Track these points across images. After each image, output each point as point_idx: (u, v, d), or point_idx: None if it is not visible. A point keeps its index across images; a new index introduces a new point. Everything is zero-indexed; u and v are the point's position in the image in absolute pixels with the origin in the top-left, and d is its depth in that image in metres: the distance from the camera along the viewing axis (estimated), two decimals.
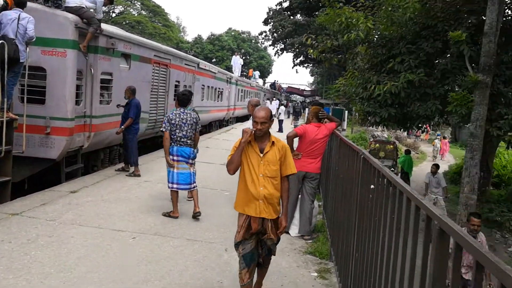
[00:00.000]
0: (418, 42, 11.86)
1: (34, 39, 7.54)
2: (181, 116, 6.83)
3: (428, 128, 37.35)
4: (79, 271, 4.69)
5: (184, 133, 6.81)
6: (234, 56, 35.75)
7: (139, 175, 9.64)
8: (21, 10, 7.42)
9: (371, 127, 18.57)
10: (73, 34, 8.64)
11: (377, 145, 18.94)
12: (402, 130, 15.81)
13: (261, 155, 3.98)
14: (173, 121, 6.76)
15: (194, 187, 7.02)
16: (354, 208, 4.14)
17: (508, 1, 12.21)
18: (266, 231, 4.07)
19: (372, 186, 3.30)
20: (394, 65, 11.66)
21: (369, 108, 12.17)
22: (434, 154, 31.05)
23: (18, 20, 7.22)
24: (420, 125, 13.20)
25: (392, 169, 17.47)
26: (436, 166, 13.30)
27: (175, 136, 6.80)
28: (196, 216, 6.89)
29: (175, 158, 6.86)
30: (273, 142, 4.03)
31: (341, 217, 5.04)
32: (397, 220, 2.48)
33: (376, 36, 12.80)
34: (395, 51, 11.96)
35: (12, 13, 7.29)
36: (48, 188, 8.09)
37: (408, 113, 12.03)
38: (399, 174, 17.99)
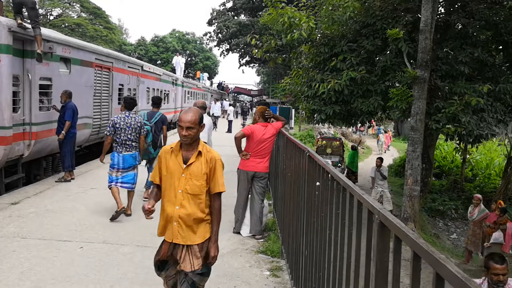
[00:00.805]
0: (358, 40, 12.21)
1: None
2: (126, 120, 6.97)
3: (374, 123, 38.60)
4: (23, 287, 4.49)
5: (128, 136, 6.96)
6: (175, 57, 35.44)
7: (69, 180, 9.45)
8: None
9: (317, 125, 18.90)
10: (7, 38, 8.26)
11: (324, 142, 19.34)
12: (346, 126, 16.21)
13: (184, 166, 3.30)
14: (117, 125, 6.89)
15: (133, 188, 7.25)
16: (302, 205, 4.20)
17: (441, 0, 12.80)
18: (178, 260, 3.35)
19: (317, 183, 3.36)
20: (336, 63, 11.95)
21: (315, 106, 12.40)
22: (379, 148, 32.06)
23: None
24: (364, 120, 13.58)
25: (339, 164, 17.89)
26: (380, 160, 13.73)
27: (119, 140, 6.93)
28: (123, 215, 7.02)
29: (115, 170, 7.03)
30: (199, 152, 3.34)
31: (290, 215, 5.11)
32: (342, 215, 2.54)
33: (319, 35, 13.06)
34: (337, 50, 12.26)
35: None
36: None
37: (352, 110, 12.36)
38: (346, 169, 18.44)
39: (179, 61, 33.72)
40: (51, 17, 48.80)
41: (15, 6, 8.87)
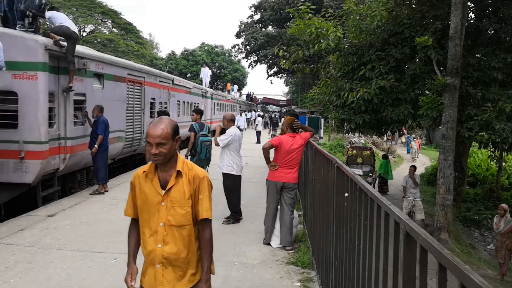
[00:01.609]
0: (387, 49, 12.13)
1: (4, 69, 7.47)
2: None
3: (405, 131, 38.13)
4: None
5: None
6: (203, 68, 35.88)
7: (103, 193, 9.69)
8: None
9: (347, 134, 18.80)
10: (43, 56, 8.58)
11: (354, 151, 19.18)
12: (377, 135, 16.06)
13: (163, 192, 2.66)
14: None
15: None
16: (331, 216, 4.20)
17: (471, 5, 12.62)
18: None
19: (346, 194, 3.37)
20: (365, 72, 11.90)
21: (344, 115, 12.35)
22: (412, 156, 31.61)
23: None
24: (394, 129, 13.44)
25: (371, 174, 17.70)
26: (414, 168, 13.54)
27: None
28: None
29: None
30: (179, 172, 2.68)
31: (320, 226, 5.10)
32: (370, 226, 2.55)
33: (347, 45, 13.04)
34: (366, 59, 12.21)
35: None
36: (25, 213, 7.97)
37: (382, 119, 12.26)
38: (377, 179, 18.23)
39: (206, 73, 34.17)
40: (84, 34, 50.24)
41: (57, 34, 9.16)
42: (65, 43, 9.15)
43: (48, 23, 9.16)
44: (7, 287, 4.81)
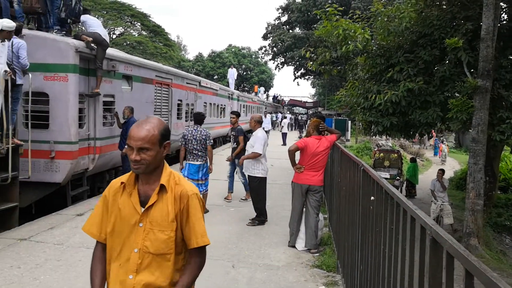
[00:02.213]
0: (415, 50, 11.93)
1: (27, 67, 7.64)
2: (193, 133, 8.04)
3: (434, 133, 37.48)
4: None
5: (195, 146, 7.98)
6: (230, 70, 35.91)
7: None
8: (15, 36, 7.54)
9: (375, 137, 18.56)
10: (74, 58, 8.78)
11: (382, 154, 18.93)
12: (404, 138, 15.81)
13: (142, 210, 2.16)
14: (186, 137, 8.04)
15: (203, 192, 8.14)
16: (357, 219, 4.17)
17: (504, 6, 12.31)
18: None
19: (372, 198, 3.34)
20: (393, 74, 11.73)
21: (371, 118, 12.20)
22: (442, 159, 31.05)
23: (12, 46, 7.35)
24: (422, 132, 13.21)
25: (398, 178, 17.45)
26: (442, 171, 13.29)
27: (188, 149, 8.04)
28: None
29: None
30: (162, 187, 2.18)
31: (345, 229, 5.06)
32: (395, 231, 2.52)
33: (375, 47, 12.89)
34: (394, 60, 12.04)
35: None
36: (55, 212, 8.16)
37: (410, 121, 12.07)
38: (405, 182, 17.97)
39: (232, 74, 34.23)
40: (114, 36, 51.12)
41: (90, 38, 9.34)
42: (95, 47, 9.34)
43: (80, 26, 9.40)
44: (37, 283, 4.93)
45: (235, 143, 9.66)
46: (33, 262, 5.57)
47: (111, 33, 51.13)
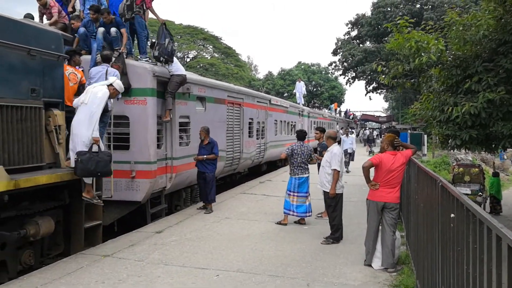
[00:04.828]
0: (495, 59, 11.33)
1: (122, 91, 8.16)
2: (301, 148, 8.94)
3: None
4: None
5: (302, 160, 8.88)
6: (297, 83, 35.20)
7: (211, 212, 10.08)
8: (107, 65, 8.15)
9: (453, 151, 17.73)
10: (152, 82, 9.24)
11: (461, 169, 18.06)
12: (486, 151, 14.97)
13: None
14: (295, 151, 8.89)
15: (309, 215, 9.08)
16: (436, 238, 4.00)
17: None
18: None
19: (452, 215, 3.21)
20: (471, 85, 11.20)
21: (448, 131, 11.69)
22: None
23: (106, 74, 7.91)
24: (506, 145, 12.46)
25: (480, 193, 16.55)
26: None
27: (296, 162, 8.90)
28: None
29: (292, 194, 8.91)
30: None
31: (424, 247, 4.87)
32: (480, 250, 2.40)
33: (450, 57, 12.41)
34: (471, 71, 11.50)
35: (100, 68, 8.06)
36: (136, 230, 8.54)
37: (491, 134, 11.43)
38: (488, 198, 17.02)
39: (300, 87, 33.55)
40: (188, 59, 53.14)
41: (177, 80, 9.86)
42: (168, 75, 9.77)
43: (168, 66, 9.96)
44: None
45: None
46: (116, 278, 5.85)
47: (185, 56, 53.23)
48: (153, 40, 10.18)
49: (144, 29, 9.84)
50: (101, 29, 9.07)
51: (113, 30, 9.11)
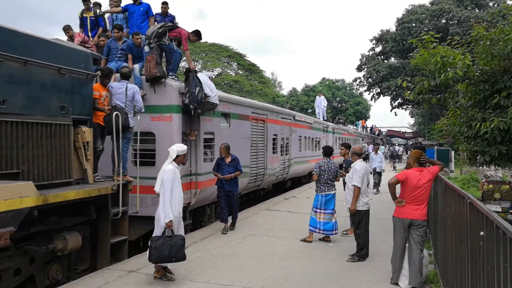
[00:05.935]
0: None
1: (143, 110, 8.33)
2: (328, 164, 8.93)
3: None
4: None
5: (329, 177, 8.86)
6: (317, 97, 33.45)
7: (233, 229, 10.03)
8: (127, 81, 8.29)
9: (482, 167, 17.38)
10: (177, 99, 9.38)
11: (491, 186, 17.61)
12: None
13: None
14: (322, 167, 8.90)
15: (335, 233, 8.99)
16: (466, 256, 3.92)
17: None
18: None
19: (482, 233, 3.13)
20: (500, 100, 10.99)
21: (477, 147, 11.44)
22: None
23: (126, 91, 8.06)
24: None
25: (511, 211, 16.11)
26: None
27: (323, 179, 8.87)
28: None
29: (318, 211, 8.86)
30: None
31: (453, 266, 4.76)
32: (511, 270, 2.34)
33: (477, 72, 12.23)
34: (500, 86, 11.29)
35: (120, 85, 8.21)
36: None
37: None
38: None
39: (320, 102, 31.83)
40: (213, 76, 53.71)
41: (207, 105, 9.96)
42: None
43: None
44: None
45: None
46: None
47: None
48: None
49: (176, 51, 10.03)
50: (136, 66, 9.50)
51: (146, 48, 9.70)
